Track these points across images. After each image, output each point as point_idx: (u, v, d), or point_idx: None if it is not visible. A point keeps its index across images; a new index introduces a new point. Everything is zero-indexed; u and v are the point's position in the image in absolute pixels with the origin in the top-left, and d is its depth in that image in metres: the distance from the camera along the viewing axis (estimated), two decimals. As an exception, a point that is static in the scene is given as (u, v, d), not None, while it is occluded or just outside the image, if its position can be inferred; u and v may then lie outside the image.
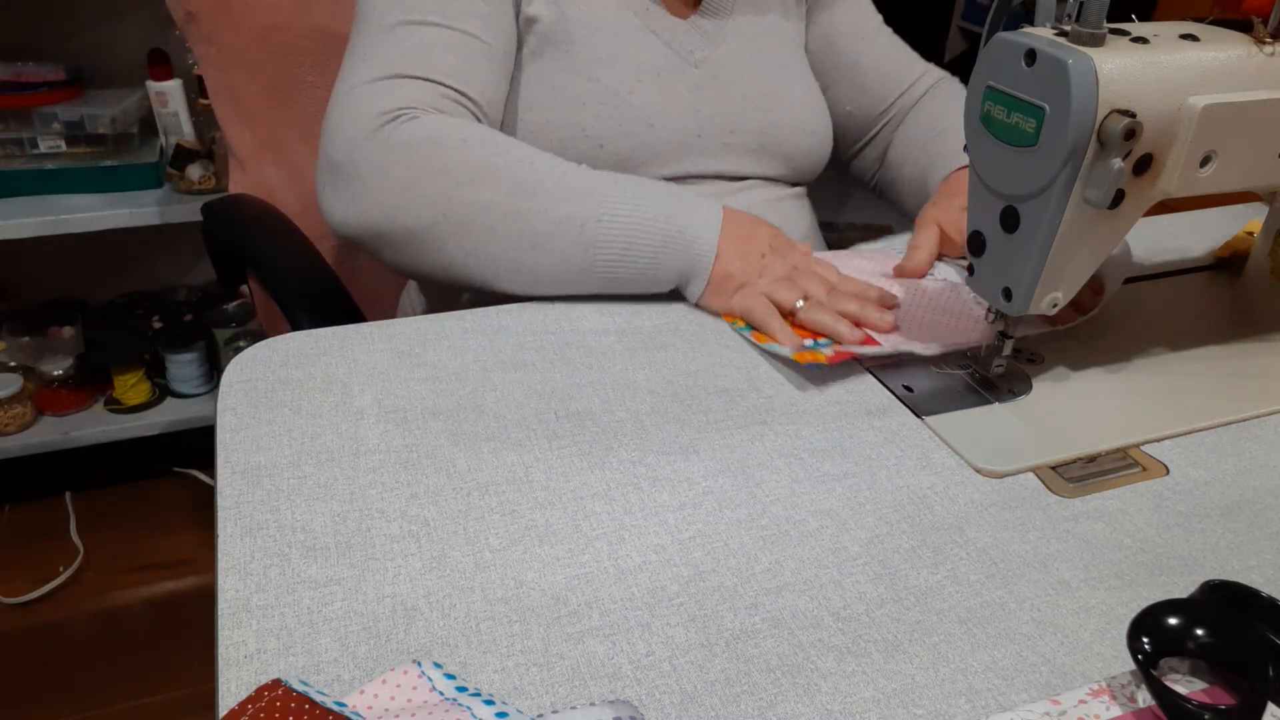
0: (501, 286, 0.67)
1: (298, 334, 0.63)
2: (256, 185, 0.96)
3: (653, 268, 0.66)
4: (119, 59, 1.57)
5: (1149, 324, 0.71)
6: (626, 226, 0.65)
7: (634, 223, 0.65)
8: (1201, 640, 0.41)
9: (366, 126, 0.66)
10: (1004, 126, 0.53)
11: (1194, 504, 0.53)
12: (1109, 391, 0.62)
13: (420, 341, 0.63)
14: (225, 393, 0.57)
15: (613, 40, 0.77)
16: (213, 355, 1.68)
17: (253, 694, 0.36)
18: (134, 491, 1.67)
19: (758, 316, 0.64)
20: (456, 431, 0.55)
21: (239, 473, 0.51)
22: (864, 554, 0.48)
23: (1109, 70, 0.48)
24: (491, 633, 0.42)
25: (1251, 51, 0.53)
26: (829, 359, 0.60)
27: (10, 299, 1.67)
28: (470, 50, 0.72)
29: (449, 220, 0.64)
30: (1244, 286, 0.75)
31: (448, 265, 0.66)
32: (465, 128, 0.67)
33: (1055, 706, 0.40)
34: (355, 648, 0.41)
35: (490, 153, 0.66)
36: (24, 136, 1.43)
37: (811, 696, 0.40)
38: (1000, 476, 0.54)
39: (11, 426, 1.53)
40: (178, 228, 1.47)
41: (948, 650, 0.42)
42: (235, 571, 0.44)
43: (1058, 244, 0.53)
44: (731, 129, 0.81)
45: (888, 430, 0.57)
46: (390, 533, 0.47)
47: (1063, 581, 0.47)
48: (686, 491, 0.51)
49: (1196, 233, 0.89)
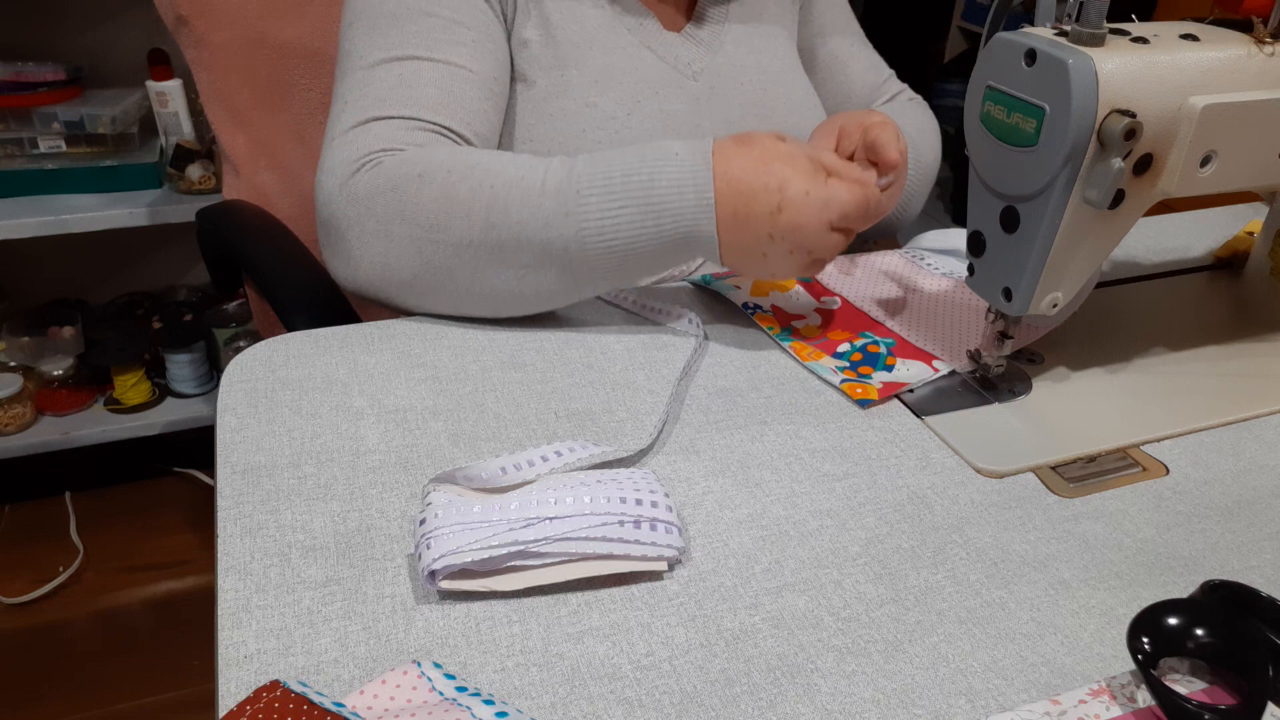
0: (516, 312, 0.64)
1: (298, 334, 0.63)
2: (251, 190, 0.96)
3: (660, 263, 0.61)
4: (119, 59, 1.57)
5: (1149, 324, 0.71)
6: (610, 241, 0.59)
7: (616, 234, 0.59)
8: (1201, 640, 0.41)
9: (339, 179, 0.63)
10: (1004, 126, 0.53)
11: (1194, 504, 0.53)
12: (1109, 391, 0.62)
13: (420, 341, 0.63)
14: (225, 393, 0.57)
15: (607, 60, 0.76)
16: (213, 355, 1.68)
17: (251, 695, 0.36)
18: (134, 491, 1.67)
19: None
20: (456, 431, 0.55)
21: (239, 473, 0.51)
22: (864, 554, 0.48)
23: (1109, 70, 0.48)
24: (491, 633, 0.42)
25: (1251, 51, 0.53)
26: (880, 394, 0.60)
27: (10, 299, 1.67)
28: (455, 81, 0.69)
29: (434, 267, 0.61)
30: (1244, 286, 0.75)
31: (455, 306, 0.64)
32: (422, 160, 0.62)
33: (1055, 706, 0.40)
34: (355, 648, 0.41)
35: (448, 182, 0.60)
36: (24, 136, 1.43)
37: (811, 696, 0.40)
38: (1000, 476, 0.54)
39: (11, 426, 1.53)
40: (178, 228, 1.47)
41: (948, 650, 0.43)
42: (235, 571, 0.44)
43: (1058, 244, 0.53)
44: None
45: (888, 430, 0.57)
46: (390, 533, 0.47)
47: (1063, 581, 0.47)
48: (686, 491, 0.51)
49: (1196, 233, 0.89)
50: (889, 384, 0.61)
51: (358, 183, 0.63)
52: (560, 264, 0.60)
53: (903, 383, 0.61)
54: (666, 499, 0.47)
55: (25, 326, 1.60)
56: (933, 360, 0.63)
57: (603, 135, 0.74)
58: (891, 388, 0.60)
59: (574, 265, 0.60)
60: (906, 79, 0.96)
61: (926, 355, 0.64)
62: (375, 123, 0.66)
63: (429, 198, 0.60)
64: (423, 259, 0.61)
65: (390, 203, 0.61)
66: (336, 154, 0.65)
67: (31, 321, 1.61)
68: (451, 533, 0.43)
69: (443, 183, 0.61)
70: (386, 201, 0.61)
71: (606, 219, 0.59)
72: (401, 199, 0.61)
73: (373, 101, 0.67)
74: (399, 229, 0.61)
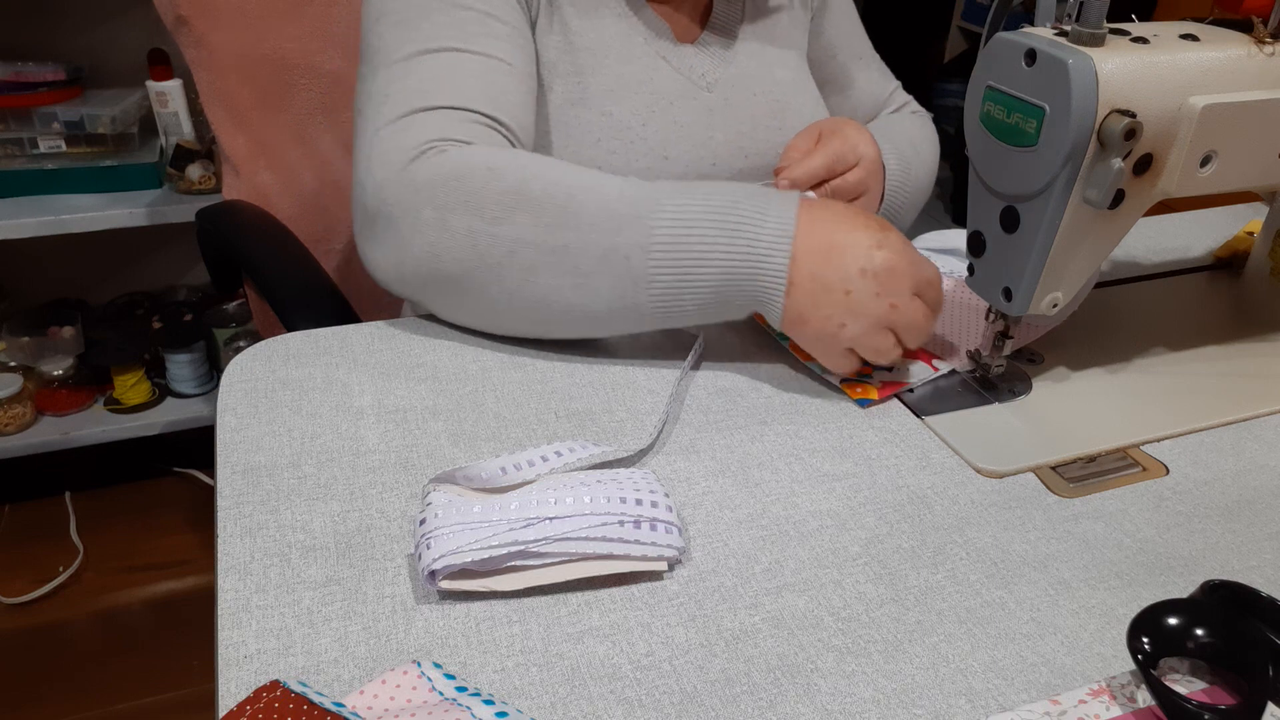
0: (553, 331, 0.61)
1: (298, 334, 0.63)
2: (251, 190, 0.96)
3: (717, 299, 0.57)
4: (119, 59, 1.57)
5: (1149, 324, 0.71)
6: (678, 256, 0.56)
7: (687, 249, 0.56)
8: (1201, 640, 0.41)
9: (394, 167, 0.61)
10: (1004, 126, 0.53)
11: (1194, 504, 0.53)
12: (1109, 391, 0.62)
13: (420, 341, 0.63)
14: (225, 393, 0.57)
15: (622, 70, 0.75)
16: (213, 355, 1.68)
17: (250, 695, 0.36)
18: (134, 491, 1.68)
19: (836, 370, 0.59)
20: (456, 431, 0.55)
21: (239, 473, 0.51)
22: (864, 554, 0.48)
23: (1109, 70, 0.48)
24: (491, 633, 0.42)
25: (1251, 51, 0.53)
26: (880, 394, 0.60)
27: (10, 299, 1.67)
28: (495, 74, 0.67)
29: (486, 261, 0.58)
30: (1244, 286, 0.75)
31: (493, 312, 0.61)
32: (493, 155, 0.60)
33: (1055, 706, 0.40)
34: (355, 648, 0.41)
35: (522, 178, 0.58)
36: (24, 136, 1.43)
37: (811, 696, 0.40)
38: (1000, 476, 0.54)
39: (11, 426, 1.53)
40: (178, 228, 1.47)
41: (948, 650, 0.42)
42: (235, 571, 0.44)
43: (1058, 244, 0.53)
44: (745, 153, 0.80)
45: (888, 430, 0.57)
46: (390, 533, 0.47)
47: (1063, 581, 0.47)
48: (686, 491, 0.51)
49: (1196, 233, 0.89)
50: (889, 384, 0.61)
51: (417, 169, 0.60)
52: (617, 274, 0.57)
53: (902, 382, 0.61)
54: (666, 499, 0.47)
55: (25, 326, 1.60)
56: (933, 360, 0.63)
57: (617, 145, 0.74)
58: (891, 387, 0.60)
59: (632, 276, 0.57)
60: (906, 79, 0.96)
61: (926, 355, 0.64)
62: (425, 113, 0.63)
63: (498, 190, 0.58)
64: (476, 252, 0.59)
65: (452, 191, 0.59)
66: (387, 143, 0.62)
67: (31, 321, 1.61)
68: (451, 533, 0.43)
69: (516, 178, 0.59)
70: (449, 189, 0.59)
71: (678, 228, 0.56)
72: (466, 188, 0.59)
73: (416, 93, 0.64)
74: (457, 219, 0.59)
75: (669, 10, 0.79)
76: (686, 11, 0.80)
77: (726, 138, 0.79)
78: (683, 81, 0.78)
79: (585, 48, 0.75)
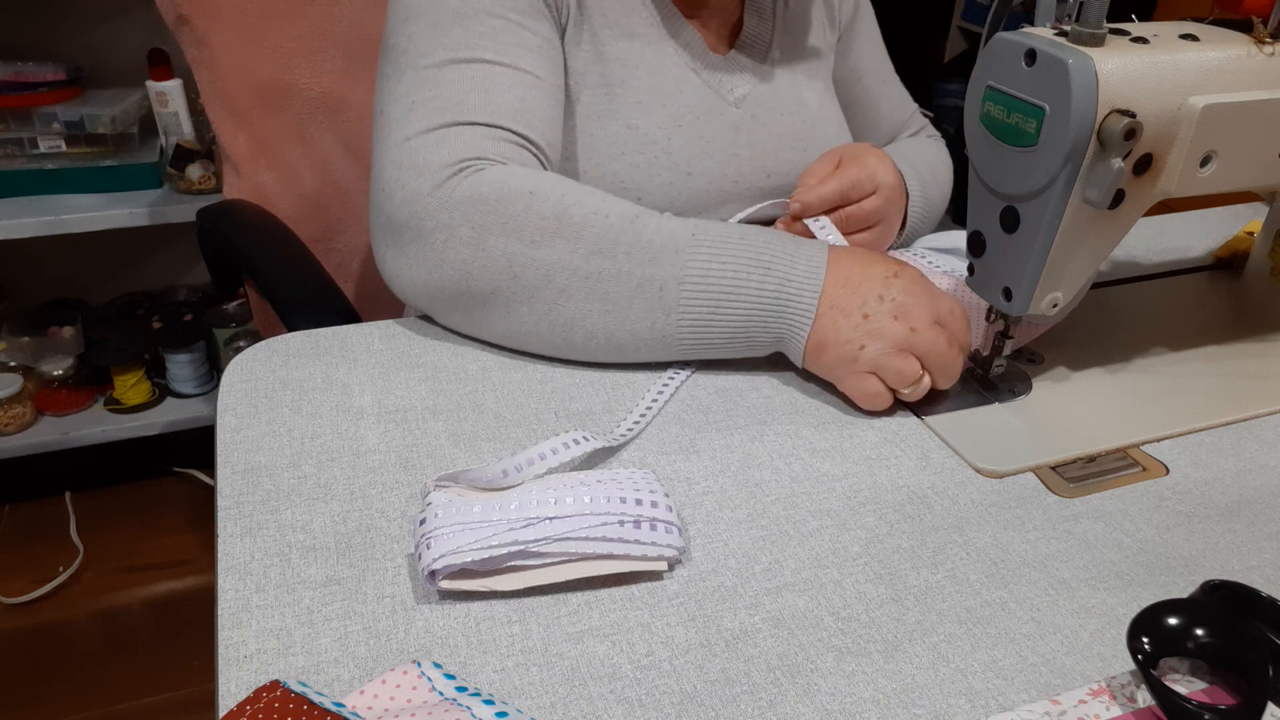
0: (575, 354, 0.61)
1: (298, 334, 0.63)
2: (252, 190, 0.96)
3: (744, 334, 0.59)
4: (119, 59, 1.57)
5: (1149, 324, 0.71)
6: (711, 288, 0.57)
7: (719, 283, 0.57)
8: (1201, 640, 0.41)
9: (429, 181, 0.60)
10: (1004, 126, 0.53)
11: (1194, 504, 0.53)
12: (1109, 391, 0.62)
13: (420, 341, 0.63)
14: (225, 393, 0.57)
15: (652, 81, 0.75)
16: (213, 355, 1.68)
17: (250, 695, 0.36)
18: (134, 491, 1.68)
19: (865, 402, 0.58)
20: (456, 431, 0.55)
21: (239, 473, 0.51)
22: (864, 554, 0.48)
23: (1109, 70, 0.48)
24: (491, 633, 0.42)
25: (1251, 51, 0.53)
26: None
27: (10, 299, 1.67)
28: (527, 88, 0.66)
29: (519, 283, 0.59)
30: (1244, 286, 0.76)
31: (517, 331, 0.61)
32: (533, 178, 0.60)
33: (1055, 706, 0.40)
34: (355, 648, 0.41)
35: (563, 205, 0.59)
36: (24, 136, 1.43)
37: (811, 696, 0.40)
38: (1000, 476, 0.54)
39: (11, 426, 1.53)
40: (178, 228, 1.47)
41: (948, 650, 0.42)
42: (235, 571, 0.44)
43: (1058, 244, 0.53)
44: (768, 172, 0.79)
45: (888, 430, 0.57)
46: (390, 533, 0.47)
47: (1063, 581, 0.47)
48: (686, 491, 0.51)
49: (1196, 233, 0.89)
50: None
51: (456, 187, 0.60)
52: (650, 303, 0.58)
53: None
54: (666, 499, 0.47)
55: (25, 326, 1.60)
56: None
57: (640, 159, 0.73)
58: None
59: (664, 306, 0.58)
60: (906, 79, 0.96)
61: None
62: (459, 128, 0.63)
63: (539, 214, 0.59)
64: (511, 273, 0.59)
65: (492, 212, 0.59)
66: (421, 154, 0.61)
67: (31, 321, 1.61)
68: (451, 533, 0.43)
69: (557, 204, 0.59)
70: (489, 210, 0.59)
71: (713, 262, 0.58)
72: (507, 211, 0.59)
73: (450, 104, 0.64)
74: (494, 240, 0.59)
75: (699, 25, 0.78)
76: (716, 28, 0.79)
77: (751, 155, 0.78)
78: (711, 96, 0.77)
79: (615, 58, 0.74)
